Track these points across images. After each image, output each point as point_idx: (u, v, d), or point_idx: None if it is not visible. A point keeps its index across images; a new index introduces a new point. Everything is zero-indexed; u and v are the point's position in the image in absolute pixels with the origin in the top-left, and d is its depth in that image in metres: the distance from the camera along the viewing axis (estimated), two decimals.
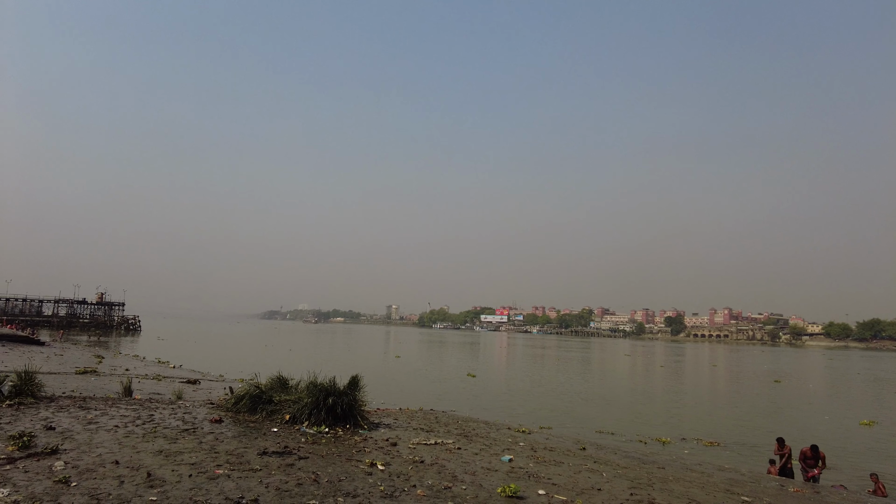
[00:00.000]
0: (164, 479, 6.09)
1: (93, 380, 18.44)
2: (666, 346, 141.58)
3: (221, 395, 14.52)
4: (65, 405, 10.40)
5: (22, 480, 5.67)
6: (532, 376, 39.64)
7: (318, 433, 9.52)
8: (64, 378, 17.89)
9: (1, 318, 65.51)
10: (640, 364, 61.10)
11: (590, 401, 26.69)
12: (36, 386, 10.85)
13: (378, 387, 18.69)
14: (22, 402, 10.01)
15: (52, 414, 9.39)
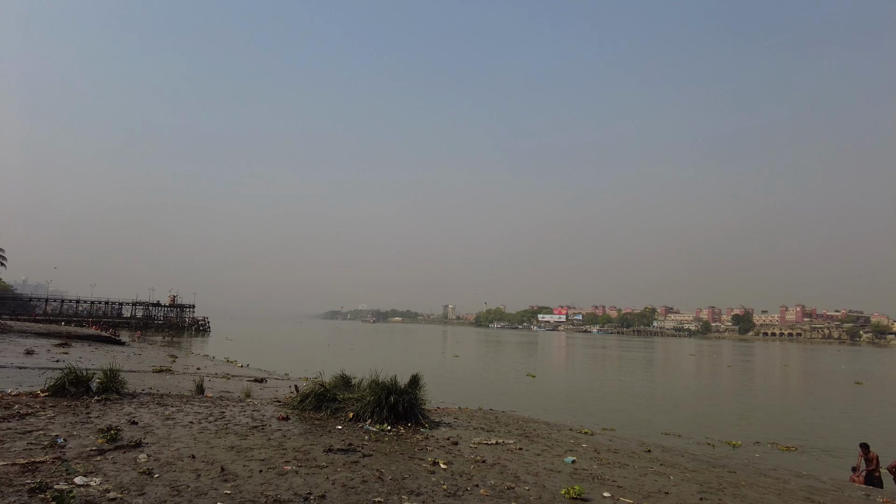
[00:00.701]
0: (236, 474, 6.36)
1: (168, 378, 19.42)
2: (733, 345, 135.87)
3: (287, 393, 15.00)
4: (145, 401, 11.02)
5: (111, 471, 6.07)
6: (592, 377, 38.91)
7: (380, 431, 9.69)
8: (142, 376, 18.93)
9: (87, 320, 70.20)
10: (706, 364, 58.85)
11: (653, 402, 25.94)
12: (119, 383, 11.55)
13: (437, 386, 18.81)
14: (108, 398, 10.68)
15: (134, 409, 9.98)
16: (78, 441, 7.27)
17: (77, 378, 11.02)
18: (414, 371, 12.06)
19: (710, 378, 43.00)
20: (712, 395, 31.19)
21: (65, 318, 71.71)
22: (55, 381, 11.00)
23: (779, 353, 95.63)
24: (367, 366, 15.69)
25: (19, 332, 37.23)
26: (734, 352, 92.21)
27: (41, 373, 17.66)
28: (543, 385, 30.73)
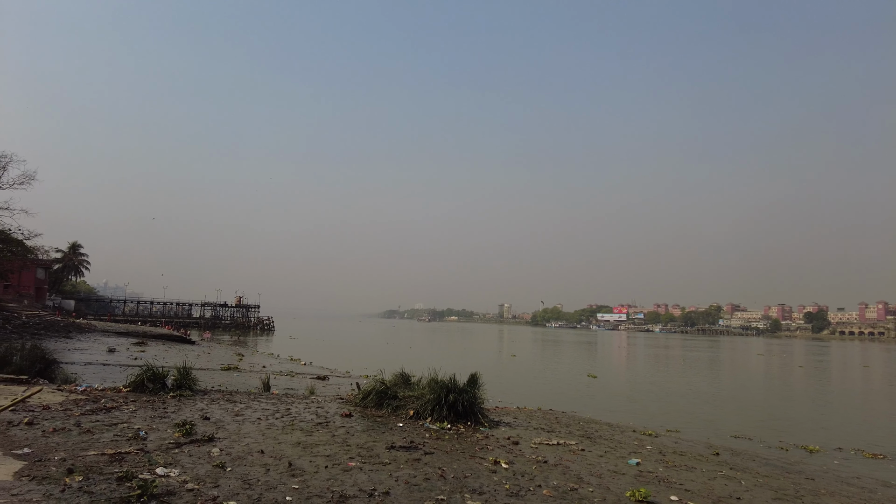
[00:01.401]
0: (303, 469, 6.57)
1: (235, 376, 20.22)
2: (806, 344, 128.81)
3: (349, 390, 15.33)
4: (216, 398, 11.54)
5: (188, 463, 6.39)
6: (655, 377, 37.80)
7: (441, 429, 9.77)
8: (212, 374, 19.80)
9: (160, 320, 74.14)
10: (776, 364, 56.01)
11: (719, 403, 24.93)
12: (192, 380, 12.15)
13: (494, 385, 18.71)
14: (182, 395, 11.26)
15: (206, 406, 10.46)
16: (157, 434, 7.70)
17: (154, 375, 11.67)
18: (471, 370, 12.08)
19: (781, 379, 40.92)
20: (784, 396, 29.68)
21: (141, 319, 76.00)
22: (135, 378, 11.69)
23: (858, 353, 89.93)
24: (425, 364, 15.81)
25: (102, 331, 39.73)
26: (807, 351, 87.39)
27: (122, 369, 18.78)
28: (604, 385, 30.10)
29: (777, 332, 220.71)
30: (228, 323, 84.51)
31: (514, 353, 56.99)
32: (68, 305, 69.89)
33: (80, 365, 19.52)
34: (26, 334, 29.22)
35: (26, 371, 12.54)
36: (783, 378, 41.60)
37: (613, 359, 57.88)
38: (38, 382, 11.75)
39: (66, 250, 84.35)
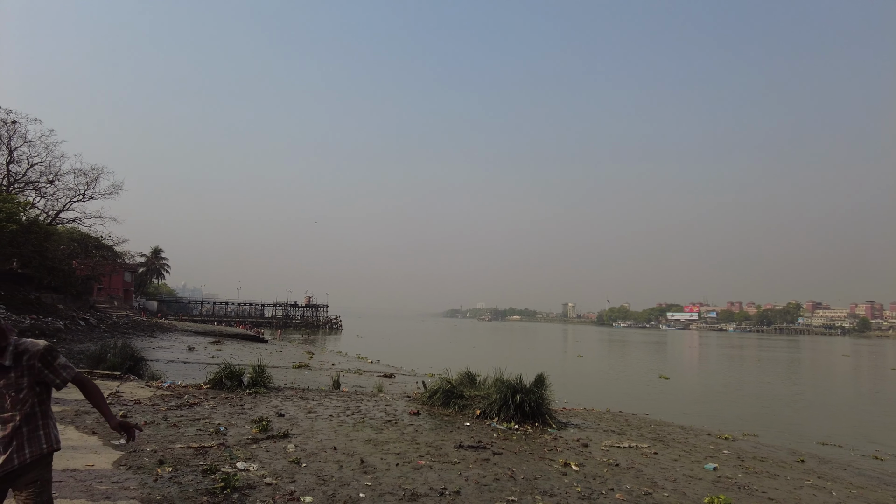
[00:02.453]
0: (375, 467, 6.70)
1: (306, 373, 20.88)
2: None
3: (415, 388, 15.52)
4: (289, 395, 11.97)
5: (266, 458, 6.66)
6: (730, 378, 36.11)
7: (508, 429, 9.72)
8: (284, 371, 20.52)
9: (235, 320, 77.73)
10: (865, 366, 52.24)
11: (801, 407, 23.52)
12: (266, 378, 12.65)
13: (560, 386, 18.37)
14: (257, 392, 11.74)
15: (280, 402, 10.87)
16: (236, 430, 8.07)
17: (231, 373, 12.24)
18: (536, 370, 11.95)
19: (872, 382, 38.12)
20: (876, 401, 27.64)
21: (217, 319, 79.94)
22: (214, 376, 12.29)
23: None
24: (489, 364, 15.75)
25: (182, 331, 42.05)
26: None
27: (201, 367, 19.80)
28: (676, 387, 29.04)
29: (866, 331, 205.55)
30: (298, 322, 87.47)
31: (581, 353, 55.95)
32: (151, 306, 74.41)
33: (164, 362, 20.71)
34: (116, 333, 31.33)
35: (118, 368, 13.45)
36: (875, 382, 38.75)
37: (685, 359, 55.77)
38: (129, 378, 12.57)
39: (150, 255, 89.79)
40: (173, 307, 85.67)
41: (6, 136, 34.52)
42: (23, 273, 33.22)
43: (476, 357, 40.43)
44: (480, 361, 23.92)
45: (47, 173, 36.57)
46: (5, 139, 34.62)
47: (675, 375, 34.89)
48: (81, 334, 28.13)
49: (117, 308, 51.55)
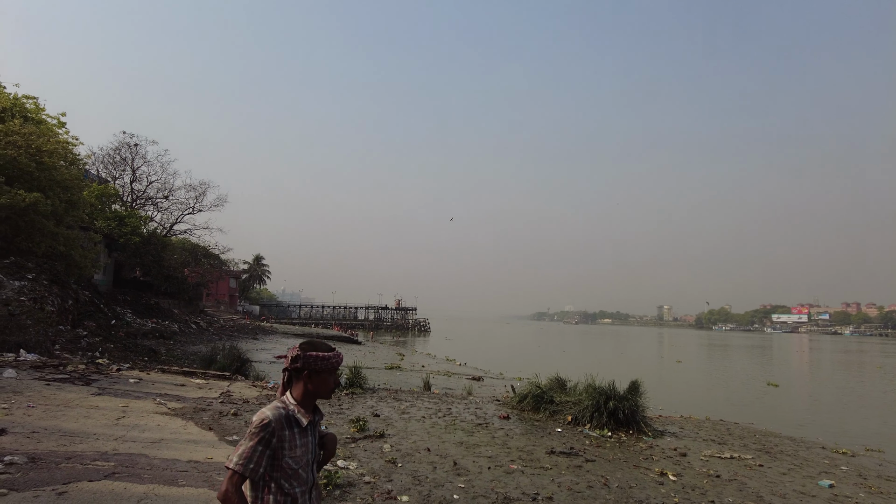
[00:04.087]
0: (467, 469, 6.82)
1: (398, 374, 21.46)
2: None
3: (504, 392, 15.54)
4: (383, 396, 12.39)
5: (364, 457, 6.97)
6: (848, 387, 33.08)
7: (601, 436, 9.53)
8: (377, 372, 21.20)
9: (330, 322, 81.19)
10: None
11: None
12: (362, 379, 13.16)
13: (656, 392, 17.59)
14: (354, 392, 12.26)
15: (375, 403, 11.28)
16: (336, 429, 8.48)
17: None
18: (629, 376, 11.65)
19: None
20: None
21: (313, 321, 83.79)
22: None
23: None
24: (579, 369, 15.48)
25: (282, 333, 44.48)
26: None
27: None
28: (785, 395, 27.03)
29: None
30: (389, 324, 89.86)
31: (679, 358, 53.40)
32: (254, 310, 79.27)
33: (267, 363, 22.02)
34: (224, 336, 33.73)
35: (227, 368, 14.52)
36: None
37: (794, 365, 51.69)
38: (237, 379, 13.53)
39: (252, 262, 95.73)
40: (274, 311, 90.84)
41: (130, 157, 38.32)
42: (144, 280, 36.58)
43: (565, 362, 39.72)
44: (570, 366, 23.49)
45: (163, 189, 40.20)
46: (129, 161, 38.44)
47: (784, 382, 32.46)
48: (193, 337, 30.55)
49: (224, 312, 55.44)
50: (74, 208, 22.66)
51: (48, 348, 13.97)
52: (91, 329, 18.36)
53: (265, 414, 2.15)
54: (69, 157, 24.27)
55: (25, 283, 17.48)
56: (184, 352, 22.23)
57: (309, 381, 2.28)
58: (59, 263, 20.79)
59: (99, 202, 32.00)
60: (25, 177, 19.82)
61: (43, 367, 11.24)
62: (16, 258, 18.87)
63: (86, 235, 23.97)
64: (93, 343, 16.46)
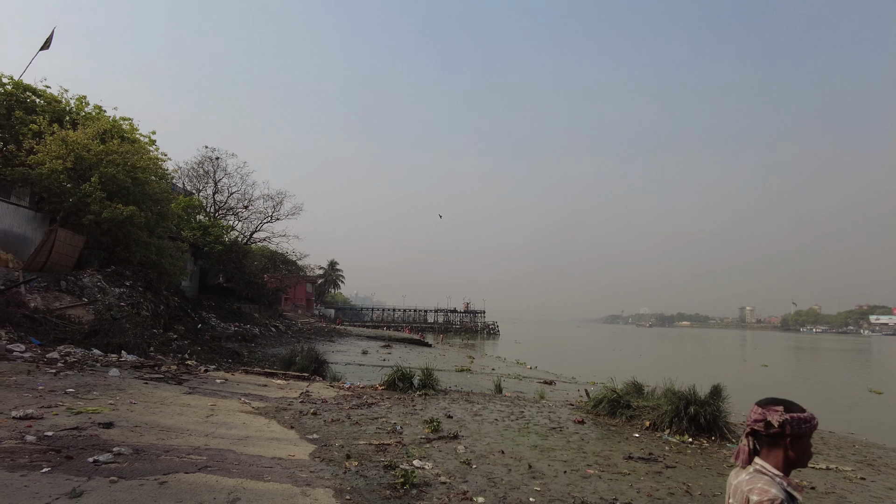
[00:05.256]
0: (542, 473, 6.75)
1: (468, 377, 21.53)
2: None
3: (577, 396, 15.26)
4: (455, 398, 12.47)
5: (438, 457, 7.06)
6: None
7: (681, 442, 9.18)
8: (448, 374, 21.36)
9: (401, 325, 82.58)
10: None
11: None
12: (434, 381, 13.31)
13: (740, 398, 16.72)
14: (426, 393, 12.42)
15: (447, 405, 11.38)
16: (410, 429, 8.63)
17: (403, 375, 13.08)
18: (710, 380, 11.15)
19: None
20: None
21: (385, 324, 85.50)
22: (388, 378, 13.23)
23: None
24: (656, 373, 14.97)
25: (356, 335, 45.68)
26: None
27: (374, 369, 21.37)
28: (890, 404, 24.96)
29: None
30: (458, 327, 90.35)
31: (764, 361, 50.49)
32: (329, 314, 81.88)
33: (342, 365, 22.69)
34: (301, 338, 35.04)
35: (306, 369, 15.09)
36: None
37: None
38: (315, 379, 14.02)
39: (326, 267, 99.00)
40: (348, 314, 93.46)
41: (212, 170, 40.63)
42: (227, 286, 38.60)
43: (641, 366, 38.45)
44: (646, 370, 22.73)
45: (243, 200, 42.36)
46: (212, 173, 40.75)
47: (889, 390, 29.94)
48: (273, 339, 31.94)
49: (301, 316, 57.57)
50: (164, 220, 24.28)
51: (144, 350, 15.02)
52: (180, 332, 19.56)
53: (772, 493, 1.94)
54: (159, 171, 26.05)
55: (124, 290, 18.87)
56: (264, 354, 23.28)
57: (790, 448, 2.04)
58: (152, 271, 22.31)
59: (185, 213, 34.07)
60: (123, 192, 21.42)
61: (141, 367, 12.11)
62: (116, 267, 20.41)
63: (174, 245, 25.60)
64: (182, 346, 17.53)
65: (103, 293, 18.19)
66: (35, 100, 24.65)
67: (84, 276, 18.66)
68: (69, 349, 12.80)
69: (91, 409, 7.62)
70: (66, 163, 20.48)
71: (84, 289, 17.97)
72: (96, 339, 14.33)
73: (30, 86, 24.84)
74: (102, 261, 20.86)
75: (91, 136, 21.67)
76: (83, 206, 20.20)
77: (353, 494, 5.30)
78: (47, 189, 20.35)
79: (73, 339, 14.07)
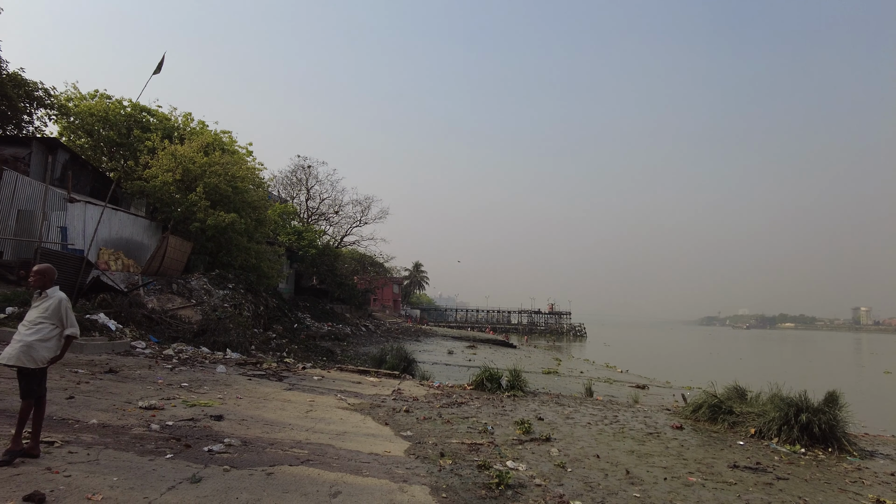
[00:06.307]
0: (641, 479, 6.50)
1: (556, 379, 21.18)
2: None
3: (672, 401, 14.60)
4: (545, 400, 12.29)
5: (531, 459, 6.97)
6: None
7: (792, 453, 8.51)
8: (535, 376, 21.10)
9: (485, 326, 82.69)
10: None
11: None
12: (522, 382, 13.19)
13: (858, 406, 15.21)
14: (515, 395, 12.33)
15: (537, 406, 11.24)
16: (501, 430, 8.59)
17: (491, 376, 13.06)
18: (822, 386, 10.30)
19: None
20: None
21: (469, 325, 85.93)
22: (476, 378, 13.26)
23: None
24: (758, 377, 14.06)
25: (441, 336, 46.19)
26: None
27: (459, 369, 21.51)
28: None
29: None
30: (543, 329, 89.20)
31: (887, 368, 45.93)
32: (415, 314, 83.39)
33: (429, 364, 23.02)
34: (390, 338, 35.93)
35: (396, 368, 15.45)
36: None
37: None
38: (406, 377, 14.32)
39: (412, 269, 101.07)
40: (432, 314, 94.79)
41: (304, 178, 42.65)
42: (320, 288, 40.32)
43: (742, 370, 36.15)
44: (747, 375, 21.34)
45: (333, 205, 44.16)
46: (304, 181, 42.79)
47: None
48: (363, 339, 32.97)
49: (388, 316, 59.07)
50: (262, 225, 25.76)
51: (246, 348, 15.97)
52: (278, 332, 20.64)
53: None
54: (256, 180, 27.68)
55: (227, 292, 20.16)
56: (356, 352, 24.07)
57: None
58: (252, 274, 23.72)
59: (280, 219, 35.98)
60: (224, 200, 22.95)
61: (244, 365, 12.89)
62: (219, 270, 21.87)
63: (272, 249, 27.09)
64: (280, 344, 18.48)
65: (209, 295, 19.55)
66: (149, 119, 26.96)
67: (192, 280, 20.14)
68: (181, 347, 13.85)
69: (203, 403, 8.20)
70: (175, 175, 22.22)
71: (192, 291, 19.39)
72: (204, 338, 15.41)
73: (145, 107, 27.20)
74: (207, 265, 22.45)
75: (196, 150, 23.41)
76: (190, 215, 21.83)
77: (449, 493, 5.34)
78: (160, 199, 22.18)
79: (184, 337, 15.22)
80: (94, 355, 11.29)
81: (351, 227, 45.51)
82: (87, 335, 12.22)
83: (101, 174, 23.85)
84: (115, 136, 25.32)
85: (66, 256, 15.68)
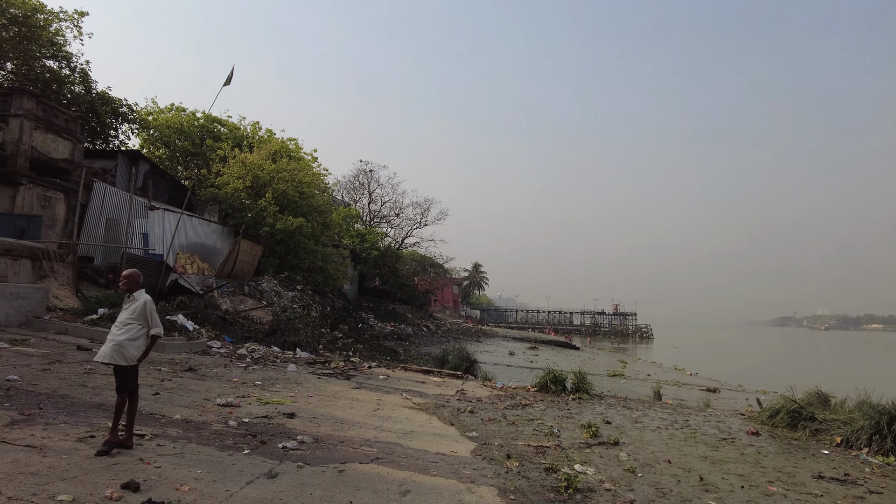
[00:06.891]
0: (716, 486, 6.25)
1: (622, 382, 20.65)
2: None
3: (745, 405, 13.94)
4: (612, 403, 12.02)
5: (600, 463, 6.85)
6: None
7: (885, 465, 7.95)
8: (599, 379, 20.64)
9: (545, 327, 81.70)
10: None
11: None
12: (587, 384, 12.95)
13: None
14: (580, 397, 12.13)
15: (604, 410, 11.01)
16: (568, 433, 8.48)
17: (555, 378, 12.91)
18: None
19: None
20: None
21: (529, 326, 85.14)
22: (540, 379, 13.14)
23: None
24: (843, 382, 13.23)
25: (501, 336, 46.02)
26: None
27: (522, 370, 21.36)
28: None
29: None
30: (607, 330, 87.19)
31: None
32: (475, 315, 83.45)
33: (490, 365, 22.97)
34: (450, 338, 36.13)
35: (458, 368, 15.53)
36: None
37: None
38: (468, 378, 14.37)
39: (471, 270, 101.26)
40: (492, 315, 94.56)
41: (366, 182, 43.62)
42: (382, 289, 41.07)
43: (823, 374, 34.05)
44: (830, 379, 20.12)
45: (395, 208, 45.00)
46: (366, 185, 43.77)
47: None
48: (425, 339, 33.32)
49: (448, 316, 59.40)
50: (328, 229, 26.53)
51: (314, 348, 16.48)
52: (344, 332, 21.18)
53: None
54: (321, 185, 28.53)
55: (296, 294, 20.88)
56: (418, 352, 24.35)
57: None
58: (319, 276, 24.46)
59: (344, 223, 36.90)
60: (292, 205, 23.81)
61: (313, 364, 13.30)
62: (288, 273, 22.68)
63: (337, 252, 27.88)
64: (346, 344, 18.95)
65: (278, 296, 20.31)
66: (220, 129, 28.32)
67: (262, 282, 20.98)
68: (254, 346, 14.46)
69: (276, 400, 8.53)
70: (246, 182, 23.25)
71: (263, 293, 20.20)
72: (274, 338, 16.02)
73: (217, 117, 28.61)
74: (276, 267, 23.34)
75: (264, 157, 24.41)
76: (260, 220, 22.78)
77: (517, 495, 5.33)
78: (231, 205, 23.27)
79: (256, 337, 15.88)
80: (175, 354, 11.97)
81: (411, 228, 46.28)
82: (168, 335, 12.98)
83: (178, 182, 25.29)
84: (189, 147, 26.83)
85: (149, 261, 16.70)
